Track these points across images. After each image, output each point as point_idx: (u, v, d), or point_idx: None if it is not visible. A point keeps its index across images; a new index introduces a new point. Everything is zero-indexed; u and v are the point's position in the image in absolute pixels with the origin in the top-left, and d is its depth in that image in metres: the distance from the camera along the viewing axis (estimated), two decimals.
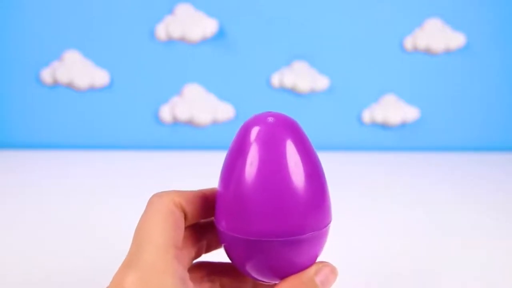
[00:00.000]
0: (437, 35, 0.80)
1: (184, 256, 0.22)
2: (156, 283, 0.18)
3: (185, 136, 0.83)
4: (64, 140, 0.82)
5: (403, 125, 0.84)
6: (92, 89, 0.80)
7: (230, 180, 0.21)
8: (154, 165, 0.73)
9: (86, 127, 0.82)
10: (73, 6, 0.77)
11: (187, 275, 0.20)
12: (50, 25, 0.78)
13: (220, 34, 0.79)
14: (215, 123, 0.82)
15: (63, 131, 0.82)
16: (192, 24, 0.77)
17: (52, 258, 0.43)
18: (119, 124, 0.82)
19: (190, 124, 0.82)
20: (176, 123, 0.82)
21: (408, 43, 0.80)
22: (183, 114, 0.81)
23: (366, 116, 0.83)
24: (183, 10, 0.78)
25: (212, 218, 0.24)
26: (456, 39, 0.80)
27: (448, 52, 0.81)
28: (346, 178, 0.66)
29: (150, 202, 0.22)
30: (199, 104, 0.81)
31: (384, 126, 0.84)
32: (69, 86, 0.80)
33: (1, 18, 0.77)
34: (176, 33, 0.77)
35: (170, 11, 0.78)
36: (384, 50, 0.81)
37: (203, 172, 0.71)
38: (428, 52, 0.81)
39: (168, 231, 0.20)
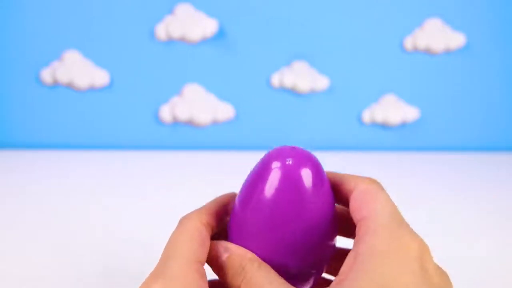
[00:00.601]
0: (437, 35, 0.80)
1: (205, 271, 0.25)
2: None
3: (185, 136, 0.83)
4: (64, 140, 0.82)
5: (403, 125, 0.84)
6: (92, 89, 0.80)
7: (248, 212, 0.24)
8: (154, 165, 0.73)
9: (86, 127, 0.82)
10: (73, 6, 0.77)
11: (207, 286, 0.22)
12: (50, 25, 0.78)
13: (220, 34, 0.79)
14: (215, 123, 0.82)
15: (63, 131, 0.82)
16: (192, 24, 0.77)
17: (52, 258, 0.43)
18: (119, 124, 0.82)
19: (190, 124, 0.82)
20: (176, 123, 0.82)
21: (408, 43, 0.80)
22: (183, 114, 0.81)
23: (366, 116, 0.83)
24: (183, 10, 0.78)
25: None
26: (456, 39, 0.80)
27: (448, 52, 0.81)
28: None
29: (180, 223, 0.24)
30: (199, 104, 0.81)
31: (384, 126, 0.84)
32: (69, 86, 0.80)
33: (1, 18, 0.77)
34: (176, 33, 0.77)
35: (170, 11, 0.78)
36: (384, 50, 0.81)
37: (203, 172, 0.71)
38: (428, 52, 0.81)
39: (194, 247, 0.22)
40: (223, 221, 0.26)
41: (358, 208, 0.22)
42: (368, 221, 0.21)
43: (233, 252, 0.23)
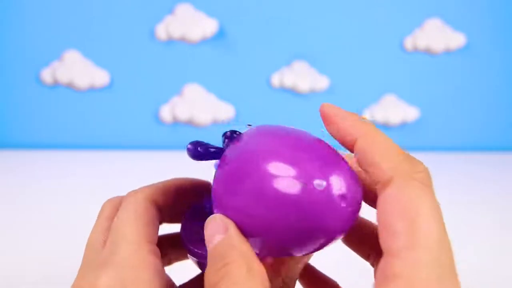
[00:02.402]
0: (437, 35, 0.80)
1: (159, 251, 0.21)
2: (133, 278, 0.18)
3: (185, 136, 0.83)
4: (64, 140, 0.82)
5: (403, 125, 0.84)
6: (92, 89, 0.80)
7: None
8: (154, 165, 0.73)
9: (86, 127, 0.82)
10: (73, 6, 0.77)
11: (163, 269, 0.20)
12: (50, 25, 0.78)
13: (220, 34, 0.79)
14: (215, 123, 0.82)
15: (63, 131, 0.82)
16: (192, 24, 0.77)
17: (52, 258, 0.43)
18: (119, 124, 0.82)
19: (190, 124, 0.82)
20: (176, 123, 0.82)
21: (408, 43, 0.80)
22: (183, 114, 0.81)
23: (366, 116, 0.83)
24: (183, 10, 0.78)
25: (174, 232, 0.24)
26: (456, 39, 0.80)
27: (448, 52, 0.81)
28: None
29: (124, 200, 0.21)
30: (199, 104, 0.81)
31: (384, 126, 0.84)
32: (69, 86, 0.80)
33: (2, 18, 0.77)
34: (176, 33, 0.77)
35: (170, 11, 0.78)
36: (384, 50, 0.81)
37: (203, 172, 0.71)
38: (428, 52, 0.81)
39: (142, 228, 0.20)
40: (176, 205, 0.23)
41: (387, 224, 0.15)
42: (400, 263, 0.15)
43: (229, 240, 0.17)
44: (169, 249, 0.22)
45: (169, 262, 0.24)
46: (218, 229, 0.18)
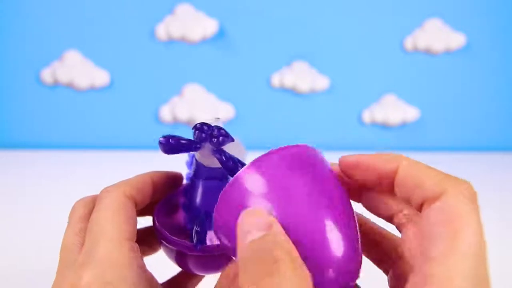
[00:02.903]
0: (437, 35, 0.80)
1: (138, 247, 0.21)
2: (115, 276, 0.18)
3: (185, 136, 0.83)
4: (64, 140, 0.82)
5: (403, 125, 0.84)
6: (92, 89, 0.80)
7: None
8: (154, 165, 0.73)
9: (86, 127, 0.82)
10: (73, 6, 0.77)
11: (145, 265, 0.20)
12: (50, 25, 0.78)
13: (220, 34, 0.79)
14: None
15: (63, 131, 0.82)
16: (192, 24, 0.77)
17: (51, 258, 0.43)
18: (119, 124, 0.82)
19: (190, 124, 0.82)
20: (176, 123, 0.82)
21: (408, 43, 0.80)
22: (183, 114, 0.81)
23: (366, 116, 0.83)
24: (183, 10, 0.78)
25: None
26: (456, 39, 0.80)
27: (448, 52, 0.81)
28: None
29: (100, 198, 0.21)
30: (199, 104, 0.81)
31: (384, 126, 0.84)
32: (69, 86, 0.80)
33: (2, 18, 0.77)
34: (176, 33, 0.77)
35: (170, 11, 0.78)
36: (384, 50, 0.81)
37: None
38: (428, 52, 0.81)
39: (121, 224, 0.19)
40: (148, 198, 0.23)
41: (431, 233, 0.16)
42: (437, 267, 0.15)
43: (275, 232, 0.16)
44: (139, 244, 0.22)
45: None
46: (258, 225, 0.17)
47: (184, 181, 0.27)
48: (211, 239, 0.23)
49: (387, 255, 0.21)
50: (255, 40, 0.80)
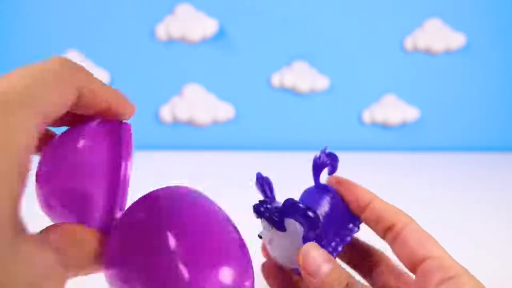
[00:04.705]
0: (437, 35, 0.80)
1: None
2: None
3: (185, 136, 0.83)
4: None
5: (403, 125, 0.84)
6: None
7: None
8: (154, 165, 0.73)
9: None
10: (73, 6, 0.77)
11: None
12: (50, 25, 0.78)
13: (220, 34, 0.79)
14: (215, 123, 0.82)
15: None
16: (192, 24, 0.77)
17: None
18: None
19: (190, 124, 0.82)
20: (176, 123, 0.82)
21: (408, 43, 0.80)
22: (183, 114, 0.81)
23: (366, 116, 0.83)
24: (183, 10, 0.78)
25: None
26: (456, 39, 0.80)
27: (448, 52, 0.81)
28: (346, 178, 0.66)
29: None
30: (199, 104, 0.81)
31: (384, 126, 0.84)
32: None
33: (2, 18, 0.77)
34: (176, 33, 0.77)
35: (170, 11, 0.78)
36: (384, 50, 0.81)
37: (203, 172, 0.71)
38: (428, 52, 0.81)
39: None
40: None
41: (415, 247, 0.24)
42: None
43: (337, 266, 0.21)
44: None
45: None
46: (325, 258, 0.21)
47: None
48: None
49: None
50: (255, 40, 0.80)
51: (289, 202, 0.23)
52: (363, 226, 0.27)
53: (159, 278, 0.18)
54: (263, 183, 0.27)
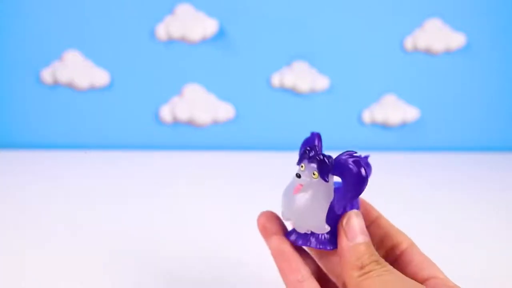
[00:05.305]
0: (437, 35, 0.80)
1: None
2: None
3: (185, 136, 0.83)
4: (64, 140, 0.82)
5: (403, 125, 0.84)
6: (92, 89, 0.80)
7: None
8: (154, 165, 0.73)
9: (86, 127, 0.82)
10: (73, 6, 0.77)
11: None
12: (50, 25, 0.78)
13: (220, 34, 0.79)
14: (215, 123, 0.82)
15: (63, 131, 0.82)
16: (192, 24, 0.77)
17: (51, 258, 0.43)
18: (119, 124, 0.82)
19: (190, 124, 0.82)
20: (176, 123, 0.82)
21: (408, 43, 0.80)
22: (183, 114, 0.81)
23: (366, 116, 0.83)
24: (183, 10, 0.78)
25: None
26: (456, 39, 0.80)
27: (448, 52, 0.81)
28: None
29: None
30: (199, 104, 0.81)
31: (384, 126, 0.84)
32: (69, 86, 0.80)
33: (2, 18, 0.77)
34: (176, 33, 0.77)
35: (170, 11, 0.78)
36: (384, 50, 0.81)
37: (203, 172, 0.71)
38: (428, 52, 0.81)
39: None
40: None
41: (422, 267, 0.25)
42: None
43: (371, 242, 0.23)
44: None
45: None
46: (364, 230, 0.23)
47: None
48: None
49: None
50: (255, 40, 0.80)
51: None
52: None
53: None
54: (315, 138, 0.28)
